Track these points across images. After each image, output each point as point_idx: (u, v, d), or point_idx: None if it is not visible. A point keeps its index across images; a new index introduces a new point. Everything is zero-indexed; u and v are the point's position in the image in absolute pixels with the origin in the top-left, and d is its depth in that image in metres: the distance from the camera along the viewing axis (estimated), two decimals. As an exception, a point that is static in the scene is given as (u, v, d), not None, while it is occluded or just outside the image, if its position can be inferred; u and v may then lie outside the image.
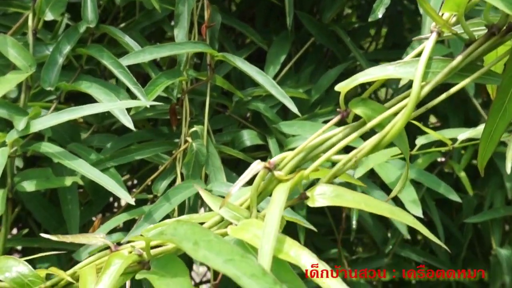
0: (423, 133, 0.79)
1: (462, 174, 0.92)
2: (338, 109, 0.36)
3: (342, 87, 0.36)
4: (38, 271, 0.39)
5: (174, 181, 0.79)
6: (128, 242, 0.39)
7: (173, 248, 0.36)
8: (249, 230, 0.34)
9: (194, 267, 1.07)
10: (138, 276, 0.36)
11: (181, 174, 0.77)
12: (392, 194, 0.39)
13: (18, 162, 0.85)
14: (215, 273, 0.78)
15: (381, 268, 0.99)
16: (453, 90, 0.35)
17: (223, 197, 0.36)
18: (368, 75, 0.36)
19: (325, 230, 1.14)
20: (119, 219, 0.72)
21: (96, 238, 0.39)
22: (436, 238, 0.32)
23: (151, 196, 0.78)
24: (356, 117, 0.37)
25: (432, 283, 1.06)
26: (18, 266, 0.39)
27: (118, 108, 0.63)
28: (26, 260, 0.41)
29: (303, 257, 0.31)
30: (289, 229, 1.04)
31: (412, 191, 0.74)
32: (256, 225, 0.34)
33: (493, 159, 1.00)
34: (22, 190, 0.70)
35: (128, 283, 0.40)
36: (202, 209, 0.83)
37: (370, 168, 0.72)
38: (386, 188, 0.87)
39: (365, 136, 0.37)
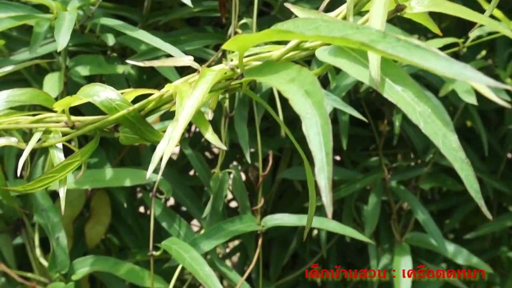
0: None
1: (508, 81, 0.91)
2: None
3: None
4: (126, 94, 0.40)
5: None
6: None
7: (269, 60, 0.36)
8: (349, 32, 0.33)
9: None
10: (234, 82, 0.36)
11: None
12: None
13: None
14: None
15: (420, 176, 0.99)
16: None
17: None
18: None
19: (363, 147, 1.14)
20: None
21: (184, 60, 0.39)
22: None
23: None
24: None
25: (464, 199, 1.06)
26: (105, 92, 0.40)
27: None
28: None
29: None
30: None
31: (465, 82, 0.74)
32: (355, 28, 0.34)
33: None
34: (76, 75, 0.71)
35: (210, 112, 0.41)
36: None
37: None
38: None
39: None
